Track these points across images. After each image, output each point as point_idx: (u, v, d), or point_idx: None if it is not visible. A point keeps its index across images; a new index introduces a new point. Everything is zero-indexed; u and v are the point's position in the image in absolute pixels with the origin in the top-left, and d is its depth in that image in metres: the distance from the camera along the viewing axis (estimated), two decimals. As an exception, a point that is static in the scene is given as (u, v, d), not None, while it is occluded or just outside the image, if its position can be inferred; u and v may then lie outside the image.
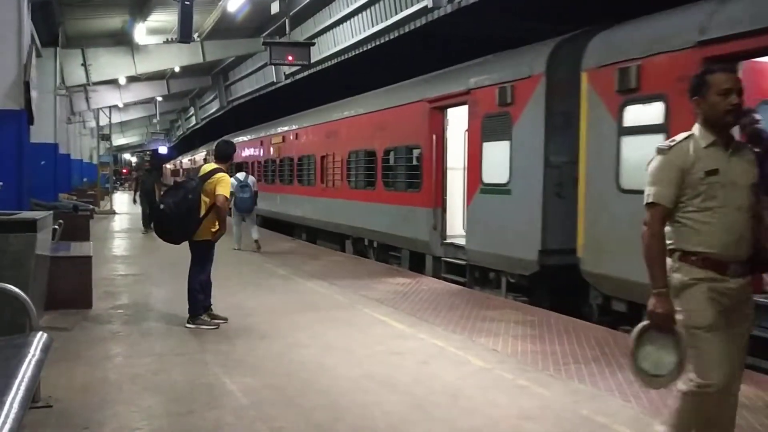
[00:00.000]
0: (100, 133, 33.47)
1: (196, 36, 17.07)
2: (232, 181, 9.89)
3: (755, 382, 5.13)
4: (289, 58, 15.61)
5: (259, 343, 6.49)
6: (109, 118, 32.53)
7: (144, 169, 24.42)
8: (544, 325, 7.22)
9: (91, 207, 18.17)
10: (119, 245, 15.60)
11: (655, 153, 3.36)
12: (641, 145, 6.85)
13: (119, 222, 22.69)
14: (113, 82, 26.68)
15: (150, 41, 20.96)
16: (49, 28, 18.65)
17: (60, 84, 20.77)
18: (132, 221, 21.80)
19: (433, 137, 11.17)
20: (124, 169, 72.21)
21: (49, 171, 17.40)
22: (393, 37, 17.39)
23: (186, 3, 14.05)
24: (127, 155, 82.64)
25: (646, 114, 7.09)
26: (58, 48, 19.90)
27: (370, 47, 18.95)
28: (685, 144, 3.29)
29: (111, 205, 27.69)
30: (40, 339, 3.87)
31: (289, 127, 20.09)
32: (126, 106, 34.91)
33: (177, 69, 26.43)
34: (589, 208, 7.83)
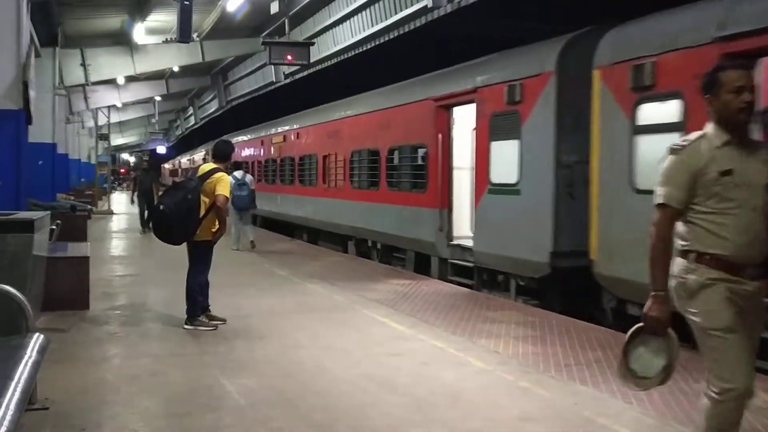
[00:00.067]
0: (99, 132, 33.47)
1: (195, 36, 17.00)
2: (229, 179, 9.87)
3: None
4: (289, 58, 15.59)
5: (258, 344, 6.46)
6: (108, 118, 32.53)
7: (141, 169, 24.35)
8: (546, 327, 7.19)
9: (88, 207, 18.10)
10: (117, 246, 15.58)
11: (667, 152, 3.28)
12: (656, 144, 6.67)
13: (117, 222, 22.66)
14: (112, 82, 26.66)
15: (149, 41, 20.91)
16: (48, 27, 18.64)
17: (59, 84, 20.75)
18: (130, 221, 21.78)
19: (438, 136, 10.99)
20: (122, 169, 72.13)
21: (47, 171, 17.41)
22: (393, 36, 17.37)
23: (185, 2, 14.00)
24: (125, 155, 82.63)
25: (661, 112, 6.90)
26: (57, 48, 19.91)
27: (369, 47, 18.93)
28: (698, 144, 3.21)
29: (109, 206, 27.66)
30: (36, 340, 3.85)
31: (290, 127, 19.95)
32: (125, 105, 34.87)
33: (176, 69, 26.41)
34: (603, 209, 7.63)
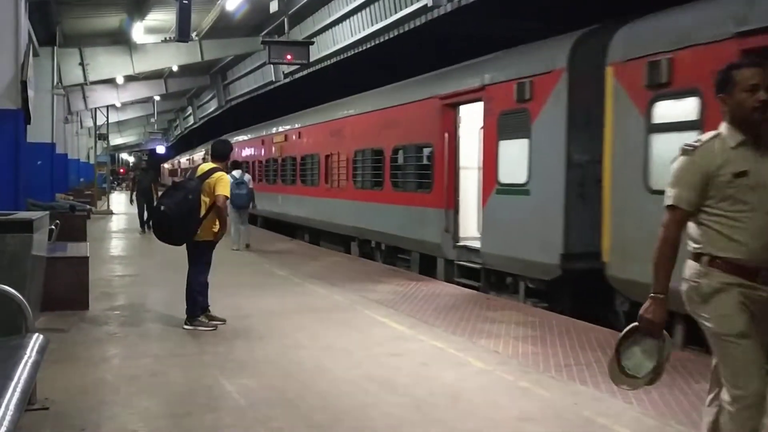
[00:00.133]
0: (98, 132, 33.42)
1: (194, 35, 16.96)
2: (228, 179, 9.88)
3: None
4: (288, 57, 15.59)
5: (258, 344, 6.45)
6: (107, 118, 32.50)
7: (140, 168, 24.31)
8: (546, 327, 7.18)
9: (88, 207, 18.08)
10: (116, 246, 15.56)
11: (680, 153, 3.17)
12: (672, 142, 6.37)
13: (116, 222, 22.64)
14: (111, 82, 26.64)
15: (148, 40, 20.90)
16: (47, 27, 18.66)
17: (57, 83, 20.74)
18: (129, 221, 21.76)
19: (445, 135, 10.78)
20: (122, 169, 72.08)
21: (46, 171, 17.40)
22: (392, 36, 17.35)
23: (184, 2, 13.99)
24: (124, 155, 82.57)
25: (678, 110, 6.70)
26: (56, 47, 19.92)
27: (369, 46, 18.92)
28: (712, 144, 3.11)
29: (108, 205, 27.63)
30: (36, 340, 3.84)
31: (291, 126, 19.77)
32: (123, 105, 34.87)
33: (175, 68, 26.36)
34: (616, 210, 7.41)
